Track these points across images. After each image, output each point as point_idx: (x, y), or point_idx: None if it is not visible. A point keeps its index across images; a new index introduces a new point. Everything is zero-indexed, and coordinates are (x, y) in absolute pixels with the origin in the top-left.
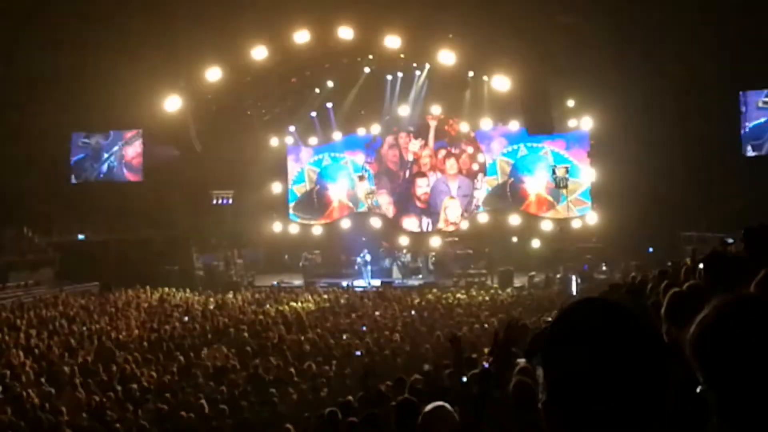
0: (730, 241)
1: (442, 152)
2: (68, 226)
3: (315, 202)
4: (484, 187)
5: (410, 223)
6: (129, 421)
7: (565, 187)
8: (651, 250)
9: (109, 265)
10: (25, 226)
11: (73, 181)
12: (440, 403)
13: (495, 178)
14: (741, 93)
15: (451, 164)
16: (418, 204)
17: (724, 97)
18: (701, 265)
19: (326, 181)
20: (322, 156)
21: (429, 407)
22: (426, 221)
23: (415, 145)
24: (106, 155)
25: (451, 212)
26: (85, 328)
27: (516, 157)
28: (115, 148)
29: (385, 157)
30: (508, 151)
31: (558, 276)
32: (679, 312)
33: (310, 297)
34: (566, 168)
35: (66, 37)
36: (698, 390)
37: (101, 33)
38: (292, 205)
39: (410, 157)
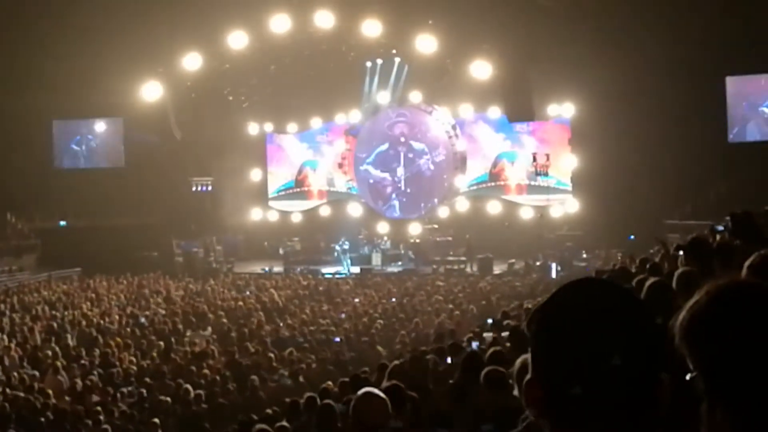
0: (720, 228)
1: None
2: (50, 212)
3: (295, 187)
4: (463, 172)
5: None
6: (110, 405)
7: (546, 174)
8: (632, 237)
9: (90, 251)
10: (8, 212)
11: (66, 165)
12: (370, 389)
13: (476, 164)
14: (726, 78)
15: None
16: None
17: (707, 83)
18: (681, 252)
19: (306, 166)
20: (303, 143)
21: (360, 392)
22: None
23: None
24: (81, 140)
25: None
26: (67, 313)
27: (496, 142)
28: (97, 135)
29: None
30: (488, 136)
31: (538, 263)
32: (661, 299)
33: (289, 284)
34: (547, 155)
35: (46, 22)
36: (687, 377)
37: (80, 19)
38: (272, 192)
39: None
